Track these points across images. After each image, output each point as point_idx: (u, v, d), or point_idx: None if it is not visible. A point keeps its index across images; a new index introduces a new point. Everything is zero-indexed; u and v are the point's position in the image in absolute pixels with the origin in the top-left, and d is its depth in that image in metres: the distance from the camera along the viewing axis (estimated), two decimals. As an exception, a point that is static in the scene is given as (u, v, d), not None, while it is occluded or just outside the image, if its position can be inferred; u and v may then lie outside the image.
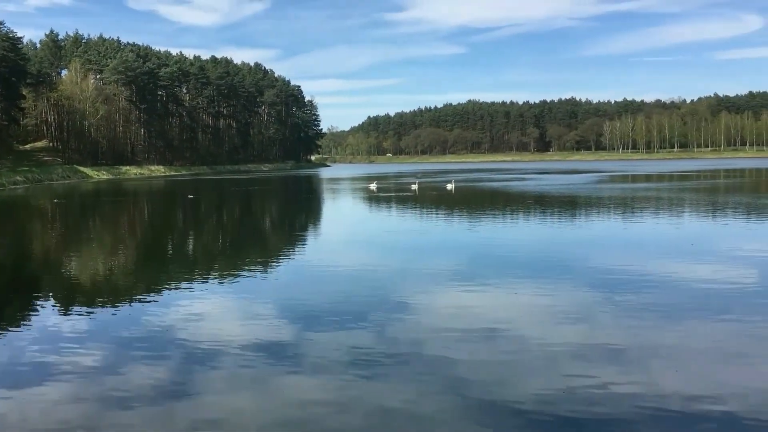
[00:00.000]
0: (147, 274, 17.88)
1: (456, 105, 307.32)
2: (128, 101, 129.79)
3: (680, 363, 8.99)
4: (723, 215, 29.36)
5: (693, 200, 38.50)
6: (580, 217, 30.48)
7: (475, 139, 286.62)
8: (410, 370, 8.93)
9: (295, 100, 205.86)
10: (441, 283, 14.86)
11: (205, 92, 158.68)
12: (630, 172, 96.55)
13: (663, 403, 7.59)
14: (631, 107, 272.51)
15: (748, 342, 9.94)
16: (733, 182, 61.87)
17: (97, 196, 57.75)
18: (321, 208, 44.22)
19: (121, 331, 11.23)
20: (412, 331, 10.84)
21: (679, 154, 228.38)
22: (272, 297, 13.71)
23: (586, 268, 16.52)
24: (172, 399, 8.08)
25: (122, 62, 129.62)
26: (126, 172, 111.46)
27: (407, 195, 48.52)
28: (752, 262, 16.86)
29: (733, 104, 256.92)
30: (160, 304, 13.31)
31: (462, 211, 35.34)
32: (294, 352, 9.88)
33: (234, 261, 19.44)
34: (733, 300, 12.56)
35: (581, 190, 50.02)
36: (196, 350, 9.99)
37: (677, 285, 14.07)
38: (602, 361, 9.12)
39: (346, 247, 22.03)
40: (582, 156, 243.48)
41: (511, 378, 8.53)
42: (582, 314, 11.76)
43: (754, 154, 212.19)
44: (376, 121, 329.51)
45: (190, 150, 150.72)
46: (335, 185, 74.96)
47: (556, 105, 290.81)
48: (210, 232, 29.32)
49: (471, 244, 21.87)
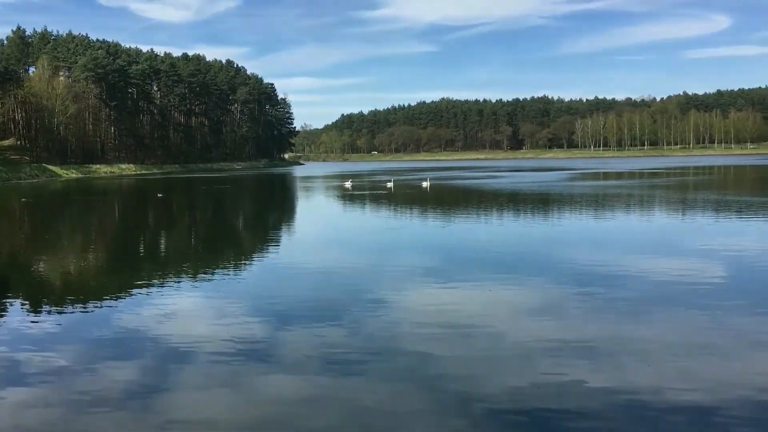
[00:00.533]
0: (116, 273, 17.64)
1: (429, 103, 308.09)
2: (98, 99, 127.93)
3: (651, 356, 9.11)
4: (692, 212, 29.84)
5: (662, 197, 39.08)
6: (553, 214, 30.77)
7: (448, 137, 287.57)
8: (385, 368, 8.93)
9: (268, 97, 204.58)
10: (415, 280, 14.88)
11: (177, 90, 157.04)
12: (601, 169, 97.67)
13: (634, 396, 7.69)
14: (603, 105, 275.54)
15: (715, 335, 10.12)
16: (701, 179, 62.92)
17: (66, 195, 56.84)
18: (294, 206, 44.05)
19: (91, 331, 11.07)
20: (386, 328, 10.85)
21: (649, 152, 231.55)
22: (245, 296, 13.61)
23: (559, 264, 16.68)
24: (145, 399, 7.98)
25: (92, 59, 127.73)
26: (96, 171, 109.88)
27: (383, 193, 48.53)
28: (719, 257, 17.16)
29: (701, 102, 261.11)
30: (132, 303, 13.14)
31: (437, 209, 35.45)
32: (268, 350, 9.82)
33: (205, 260, 19.28)
34: (701, 294, 12.77)
35: (554, 188, 50.49)
36: (168, 350, 9.88)
37: (647, 280, 14.27)
38: (574, 356, 9.21)
39: (321, 246, 21.96)
40: (554, 154, 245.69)
41: (486, 374, 8.57)
42: (554, 310, 11.87)
43: (722, 152, 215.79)
44: (350, 119, 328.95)
45: (161, 148, 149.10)
46: (309, 183, 74.73)
47: (529, 103, 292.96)
48: (179, 232, 29.04)
49: (445, 242, 21.94)
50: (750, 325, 10.64)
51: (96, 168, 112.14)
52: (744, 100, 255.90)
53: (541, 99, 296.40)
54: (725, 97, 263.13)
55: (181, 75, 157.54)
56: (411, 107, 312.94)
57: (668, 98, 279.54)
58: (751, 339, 9.95)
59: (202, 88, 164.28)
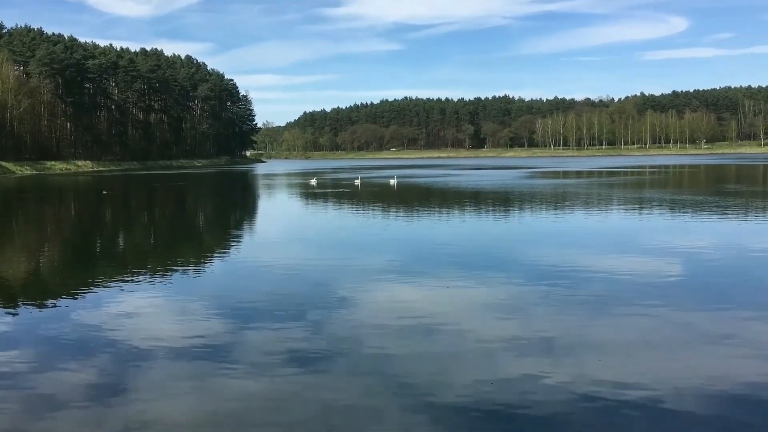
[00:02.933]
0: (66, 272, 17.28)
1: (392, 101, 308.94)
2: (54, 94, 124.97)
3: (609, 353, 9.31)
4: (648, 210, 30.51)
5: (620, 196, 39.87)
6: (514, 212, 31.14)
7: (411, 136, 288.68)
8: (348, 365, 8.94)
9: (230, 94, 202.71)
10: (379, 278, 14.91)
11: (136, 86, 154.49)
12: (561, 168, 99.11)
13: (593, 392, 7.85)
14: (562, 105, 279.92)
15: (671, 332, 10.38)
16: (657, 179, 64.32)
17: (14, 193, 55.42)
18: (255, 204, 43.69)
19: (47, 330, 10.83)
20: (349, 326, 10.86)
21: (607, 151, 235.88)
22: (205, 294, 13.46)
23: (519, 262, 16.90)
24: (104, 400, 7.85)
25: (48, 53, 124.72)
26: (51, 168, 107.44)
27: (348, 191, 48.41)
28: (675, 255, 17.59)
29: (658, 103, 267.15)
30: (88, 303, 12.89)
31: (403, 206, 35.56)
32: (230, 349, 9.74)
33: (161, 259, 19.01)
34: (658, 291, 13.07)
35: (515, 186, 51.08)
36: (128, 349, 9.73)
37: (606, 277, 14.55)
38: (535, 352, 9.35)
39: (283, 244, 21.84)
40: (515, 152, 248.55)
41: (448, 371, 8.65)
42: (515, 307, 12.03)
43: (677, 152, 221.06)
44: (312, 117, 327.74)
45: (119, 145, 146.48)
46: (271, 181, 74.21)
47: (490, 102, 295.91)
48: (126, 230, 28.57)
49: (410, 239, 22.04)
50: (704, 322, 10.94)
51: (51, 165, 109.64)
52: (698, 101, 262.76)
53: (502, 98, 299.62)
54: (680, 98, 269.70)
55: (140, 70, 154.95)
56: (374, 105, 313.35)
57: (626, 99, 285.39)
58: (705, 334, 10.24)
59: (161, 84, 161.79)
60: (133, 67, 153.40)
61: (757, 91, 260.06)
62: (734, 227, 24.14)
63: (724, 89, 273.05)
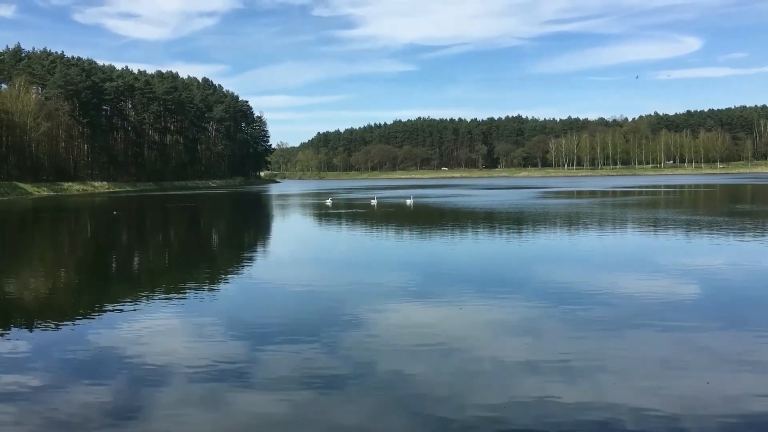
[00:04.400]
0: (82, 292, 17.40)
1: (406, 122, 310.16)
2: (71, 116, 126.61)
3: (625, 374, 9.22)
4: (664, 230, 30.29)
5: (635, 216, 39.63)
6: (528, 232, 31.03)
7: (424, 156, 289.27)
8: (362, 387, 8.92)
9: (244, 115, 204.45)
10: (393, 299, 14.89)
11: (152, 107, 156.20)
12: (575, 188, 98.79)
13: (609, 413, 7.78)
14: (576, 125, 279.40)
15: (688, 352, 10.27)
16: (672, 198, 63.91)
17: (30, 213, 56.00)
18: (270, 225, 43.84)
19: (63, 351, 10.89)
20: (364, 347, 10.84)
21: (621, 171, 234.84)
22: (220, 316, 13.49)
23: (534, 282, 16.81)
24: (119, 420, 7.87)
25: (64, 76, 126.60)
26: (68, 189, 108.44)
27: (363, 211, 48.44)
28: (692, 275, 17.43)
29: (672, 123, 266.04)
30: (103, 323, 12.96)
31: (418, 226, 35.54)
32: (245, 369, 9.74)
33: (175, 280, 19.08)
34: (674, 312, 12.95)
35: (530, 206, 50.94)
36: (142, 370, 9.76)
37: (622, 298, 14.44)
38: (550, 374, 9.28)
39: (298, 264, 21.87)
40: (529, 172, 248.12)
41: (462, 392, 8.60)
42: (529, 328, 11.96)
43: (692, 171, 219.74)
44: (326, 138, 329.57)
45: (135, 166, 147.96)
46: (285, 201, 74.51)
47: (504, 122, 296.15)
48: (138, 251, 28.74)
49: (424, 260, 21.99)
50: (721, 343, 10.82)
51: (68, 186, 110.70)
52: (713, 120, 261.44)
53: (515, 118, 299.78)
54: (695, 118, 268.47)
55: (156, 92, 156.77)
56: (387, 126, 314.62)
57: (639, 118, 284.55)
58: (723, 357, 10.12)
59: (177, 105, 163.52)
60: (149, 89, 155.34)
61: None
62: (751, 247, 23.90)
63: (739, 108, 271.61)
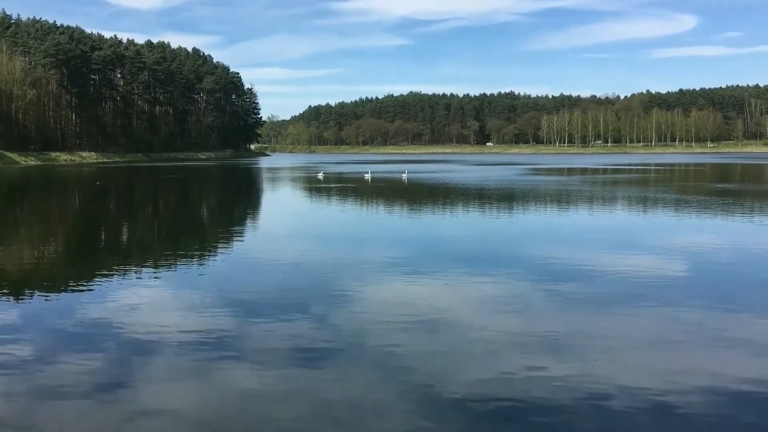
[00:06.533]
0: (69, 264, 17.32)
1: (397, 96, 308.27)
2: (59, 85, 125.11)
3: (613, 351, 9.30)
4: (653, 209, 30.42)
5: (624, 194, 39.76)
6: (518, 209, 31.10)
7: (416, 131, 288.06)
8: (351, 360, 8.95)
9: (235, 87, 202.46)
10: (383, 274, 14.91)
11: (141, 77, 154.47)
12: (566, 165, 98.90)
13: (596, 390, 7.84)
14: (568, 102, 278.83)
15: (676, 330, 10.36)
16: (662, 177, 64.12)
17: (10, 183, 55.56)
18: (259, 199, 43.68)
19: (53, 322, 10.86)
20: (353, 321, 10.86)
21: (612, 149, 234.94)
22: (210, 288, 13.47)
23: (523, 259, 16.88)
24: (109, 390, 7.87)
25: (53, 44, 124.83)
26: (56, 159, 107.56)
27: (358, 186, 48.32)
28: (680, 254, 17.55)
29: (664, 101, 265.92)
30: (90, 294, 12.92)
31: (413, 202, 35.52)
32: (235, 342, 9.75)
33: (164, 252, 19.02)
34: (663, 290, 13.05)
35: (519, 183, 50.99)
36: (133, 341, 9.75)
37: (611, 276, 14.52)
38: (539, 350, 9.34)
39: (289, 238, 21.84)
40: (520, 149, 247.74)
41: (452, 367, 8.65)
42: (518, 305, 12.02)
43: (683, 150, 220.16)
44: (317, 111, 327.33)
45: (124, 137, 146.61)
46: (276, 174, 74.19)
47: (496, 98, 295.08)
48: (126, 223, 28.61)
49: (415, 235, 22.01)
50: (708, 321, 10.92)
51: (56, 156, 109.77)
52: (705, 99, 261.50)
53: (508, 94, 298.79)
54: (687, 97, 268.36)
55: (146, 62, 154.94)
56: (379, 100, 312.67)
57: (632, 96, 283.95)
58: (710, 334, 10.22)
59: (167, 76, 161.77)
60: (139, 58, 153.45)
61: (764, 91, 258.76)
62: (737, 227, 24.04)
63: (730, 88, 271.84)
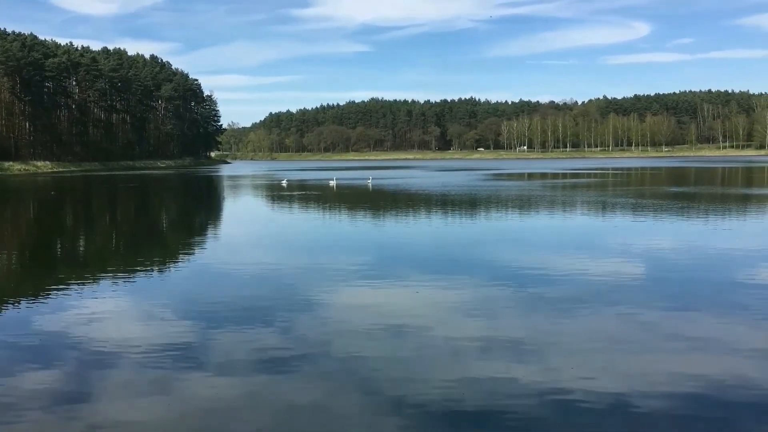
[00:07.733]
0: (24, 276, 16.89)
1: (359, 103, 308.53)
2: (11, 93, 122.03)
3: (575, 352, 9.42)
4: (611, 212, 30.99)
5: (585, 198, 40.42)
6: (480, 214, 31.37)
7: (378, 137, 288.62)
8: (315, 368, 8.89)
9: (194, 94, 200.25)
10: (347, 281, 14.88)
11: (97, 85, 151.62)
12: (527, 170, 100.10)
13: (560, 392, 7.94)
14: (527, 108, 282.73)
15: (634, 330, 10.55)
16: (619, 181, 65.37)
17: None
18: (221, 207, 43.23)
19: (7, 335, 10.55)
20: (318, 329, 10.81)
21: (571, 154, 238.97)
22: (171, 298, 13.28)
23: (485, 264, 17.03)
24: (67, 404, 7.68)
25: (4, 51, 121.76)
26: (9, 169, 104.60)
27: (321, 193, 48.12)
28: (637, 256, 17.90)
29: (620, 106, 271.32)
30: (47, 307, 12.61)
31: (376, 208, 35.52)
32: (196, 352, 9.60)
33: (123, 262, 18.69)
34: (621, 291, 13.29)
35: (484, 188, 51.46)
36: (91, 354, 9.54)
37: (571, 278, 14.72)
38: (502, 353, 9.42)
39: (250, 247, 21.64)
40: (481, 154, 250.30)
41: (416, 372, 8.66)
42: (481, 309, 12.10)
43: (639, 154, 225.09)
44: (278, 118, 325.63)
45: (80, 145, 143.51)
46: (237, 182, 73.48)
47: (457, 104, 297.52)
48: (82, 233, 28.06)
49: (379, 242, 22.02)
50: (665, 320, 11.15)
51: (9, 166, 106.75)
52: (659, 104, 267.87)
53: (468, 101, 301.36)
54: (642, 102, 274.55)
55: (102, 70, 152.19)
56: (340, 107, 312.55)
57: (589, 102, 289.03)
58: (666, 333, 10.43)
59: (124, 83, 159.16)
60: (94, 66, 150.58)
61: (716, 96, 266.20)
62: (693, 228, 24.63)
63: (684, 93, 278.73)
